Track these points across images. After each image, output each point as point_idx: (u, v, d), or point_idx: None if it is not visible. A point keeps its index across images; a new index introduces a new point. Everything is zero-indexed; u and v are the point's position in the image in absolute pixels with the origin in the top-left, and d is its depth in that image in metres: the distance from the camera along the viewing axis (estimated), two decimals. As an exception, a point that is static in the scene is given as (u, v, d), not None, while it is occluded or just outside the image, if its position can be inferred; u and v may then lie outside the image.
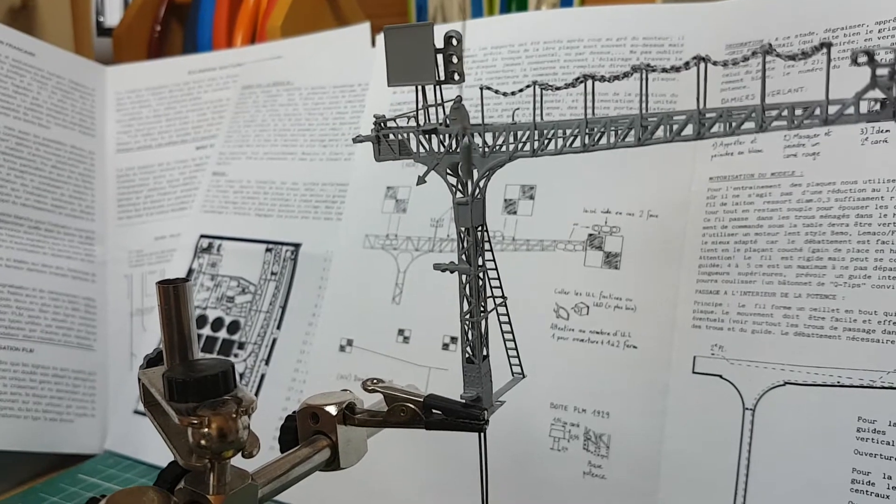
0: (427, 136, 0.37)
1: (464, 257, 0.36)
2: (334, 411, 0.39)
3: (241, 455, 0.32)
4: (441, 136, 0.36)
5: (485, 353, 0.37)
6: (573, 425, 0.51)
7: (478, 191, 0.36)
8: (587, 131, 0.33)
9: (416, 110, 0.36)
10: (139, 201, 0.78)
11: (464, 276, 0.36)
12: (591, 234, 0.53)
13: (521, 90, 0.36)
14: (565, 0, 1.09)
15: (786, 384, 0.46)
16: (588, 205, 0.54)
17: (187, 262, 0.73)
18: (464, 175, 0.36)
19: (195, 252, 0.73)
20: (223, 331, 0.68)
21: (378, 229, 0.62)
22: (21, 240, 0.70)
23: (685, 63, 0.31)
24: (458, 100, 0.36)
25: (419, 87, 0.36)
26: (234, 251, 0.71)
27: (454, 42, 0.35)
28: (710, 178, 0.51)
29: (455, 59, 0.35)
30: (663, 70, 0.32)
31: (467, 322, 0.37)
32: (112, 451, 0.68)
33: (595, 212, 0.54)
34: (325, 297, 0.63)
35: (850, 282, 0.45)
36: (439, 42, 0.35)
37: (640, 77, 0.32)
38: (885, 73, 0.27)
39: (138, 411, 0.68)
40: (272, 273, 0.68)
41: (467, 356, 0.37)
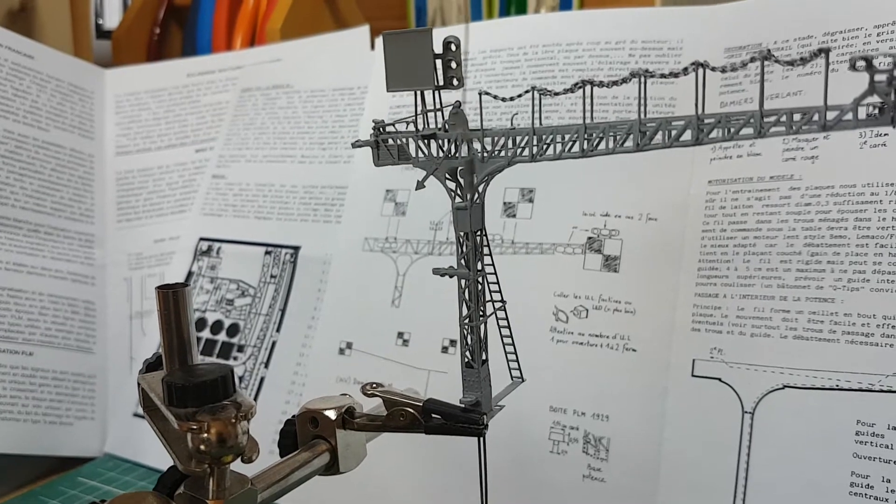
0: (426, 141, 0.37)
1: (463, 262, 0.36)
2: (333, 415, 0.39)
3: (241, 460, 0.32)
4: (440, 141, 0.36)
5: (484, 357, 0.37)
6: (572, 428, 0.51)
7: (477, 195, 0.36)
8: (586, 137, 0.33)
9: (416, 115, 0.37)
10: (138, 204, 0.78)
11: (463, 281, 0.36)
12: (590, 238, 0.53)
13: (519, 95, 0.37)
14: (564, 3, 1.09)
15: (785, 387, 0.46)
16: (587, 208, 0.54)
17: (187, 264, 0.73)
18: (467, 188, 0.36)
19: (194, 255, 0.73)
20: (222, 334, 0.68)
21: (377, 232, 0.62)
22: (20, 243, 0.70)
23: (683, 69, 0.31)
24: (457, 105, 0.36)
25: (418, 92, 0.36)
26: (234, 254, 0.71)
27: (453, 47, 0.35)
28: (709, 181, 0.51)
29: (454, 65, 0.35)
30: (662, 76, 0.32)
31: (466, 326, 0.37)
32: (112, 454, 0.68)
33: (594, 215, 0.54)
34: (325, 300, 0.63)
35: (849, 285, 0.45)
36: (438, 47, 0.35)
37: (639, 82, 0.32)
38: (883, 78, 0.28)
39: (138, 414, 0.68)
40: (271, 276, 0.68)
41: (466, 360, 0.37)
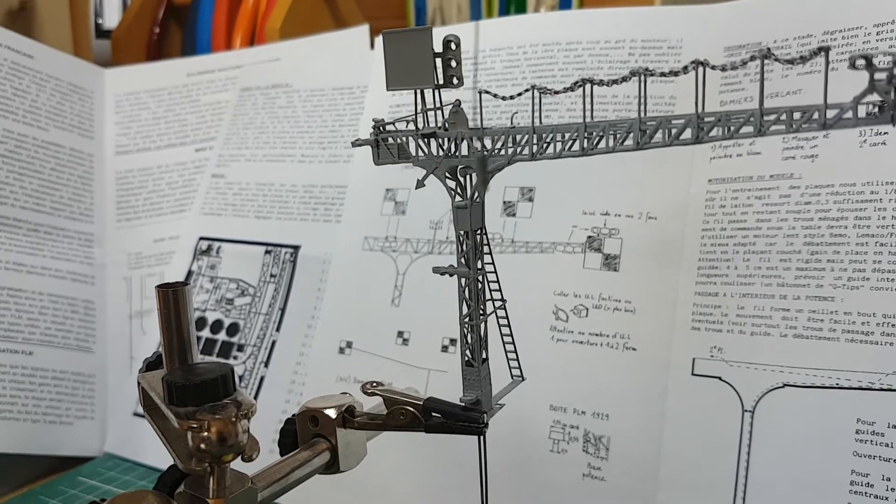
0: (426, 140, 0.37)
1: (463, 260, 0.36)
2: (334, 414, 0.39)
3: (241, 459, 0.32)
4: (440, 140, 0.36)
5: (484, 356, 0.37)
6: (573, 427, 0.51)
7: (476, 194, 0.36)
8: (586, 135, 0.33)
9: (415, 114, 0.37)
10: (138, 204, 0.78)
11: (463, 280, 0.36)
12: (590, 237, 0.53)
13: (519, 94, 0.37)
14: (564, 2, 1.09)
15: (785, 386, 0.46)
16: (587, 207, 0.54)
17: (186, 264, 0.73)
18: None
19: (194, 254, 0.73)
20: (222, 333, 0.68)
21: (377, 231, 0.62)
22: (20, 242, 0.70)
23: (683, 67, 0.31)
24: (457, 104, 0.36)
25: (418, 91, 0.36)
26: (234, 253, 0.71)
27: (452, 46, 0.35)
28: (709, 180, 0.51)
29: (454, 64, 0.35)
30: (661, 74, 0.32)
31: (466, 325, 0.37)
32: (112, 454, 0.68)
33: (594, 214, 0.54)
34: (325, 300, 0.63)
35: (849, 284, 0.45)
36: (438, 46, 0.35)
37: (639, 81, 0.32)
38: (882, 77, 0.28)
39: (138, 413, 0.68)
40: (271, 275, 0.68)
41: (467, 359, 0.37)
